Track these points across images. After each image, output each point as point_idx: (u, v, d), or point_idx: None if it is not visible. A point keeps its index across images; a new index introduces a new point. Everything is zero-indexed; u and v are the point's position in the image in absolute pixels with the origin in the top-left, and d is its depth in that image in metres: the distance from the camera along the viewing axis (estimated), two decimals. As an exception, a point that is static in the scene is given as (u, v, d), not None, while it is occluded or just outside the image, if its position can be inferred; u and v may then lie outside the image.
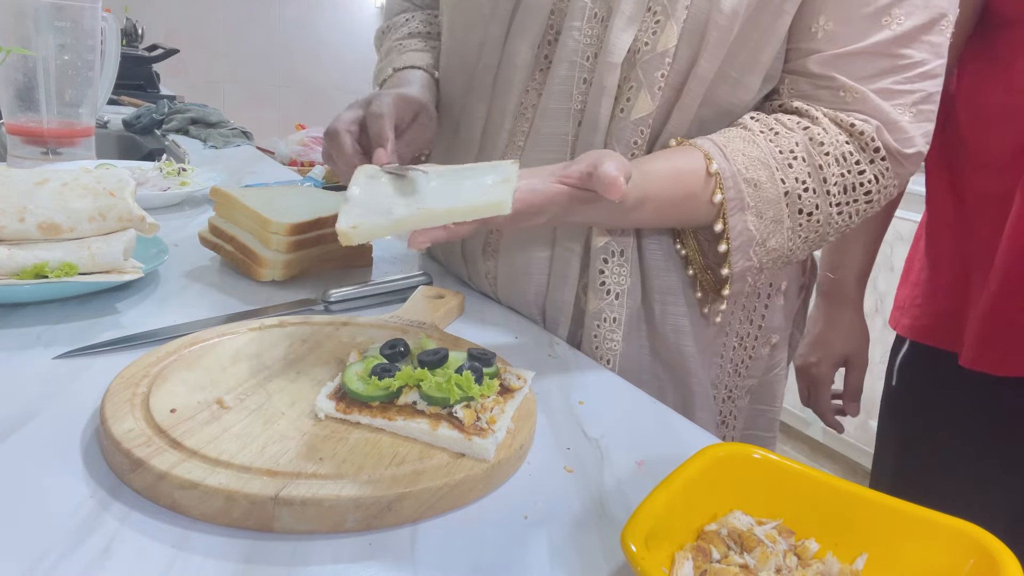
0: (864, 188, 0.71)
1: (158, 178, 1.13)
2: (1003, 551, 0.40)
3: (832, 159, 0.69)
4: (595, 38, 0.71)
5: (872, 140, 0.69)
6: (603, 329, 0.75)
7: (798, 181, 0.69)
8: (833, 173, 0.70)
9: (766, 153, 0.69)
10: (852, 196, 0.71)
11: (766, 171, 0.68)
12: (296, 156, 2.96)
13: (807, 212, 0.70)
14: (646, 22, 0.69)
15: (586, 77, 0.72)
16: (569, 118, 0.73)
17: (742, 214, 0.68)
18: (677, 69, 0.69)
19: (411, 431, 0.50)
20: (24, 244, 0.67)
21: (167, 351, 0.57)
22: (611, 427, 0.59)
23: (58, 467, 0.46)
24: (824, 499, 0.46)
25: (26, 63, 1.11)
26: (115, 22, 1.48)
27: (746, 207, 0.68)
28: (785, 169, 0.69)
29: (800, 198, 0.69)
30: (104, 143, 1.42)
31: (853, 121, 0.70)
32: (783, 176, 0.69)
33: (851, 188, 0.71)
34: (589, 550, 0.44)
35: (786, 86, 0.74)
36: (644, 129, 0.71)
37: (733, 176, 0.68)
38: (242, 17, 3.45)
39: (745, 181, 0.68)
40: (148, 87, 2.37)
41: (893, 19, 0.69)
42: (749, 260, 0.70)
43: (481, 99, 0.78)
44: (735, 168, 0.68)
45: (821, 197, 0.70)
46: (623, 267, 0.74)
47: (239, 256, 0.81)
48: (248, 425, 0.49)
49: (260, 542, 0.42)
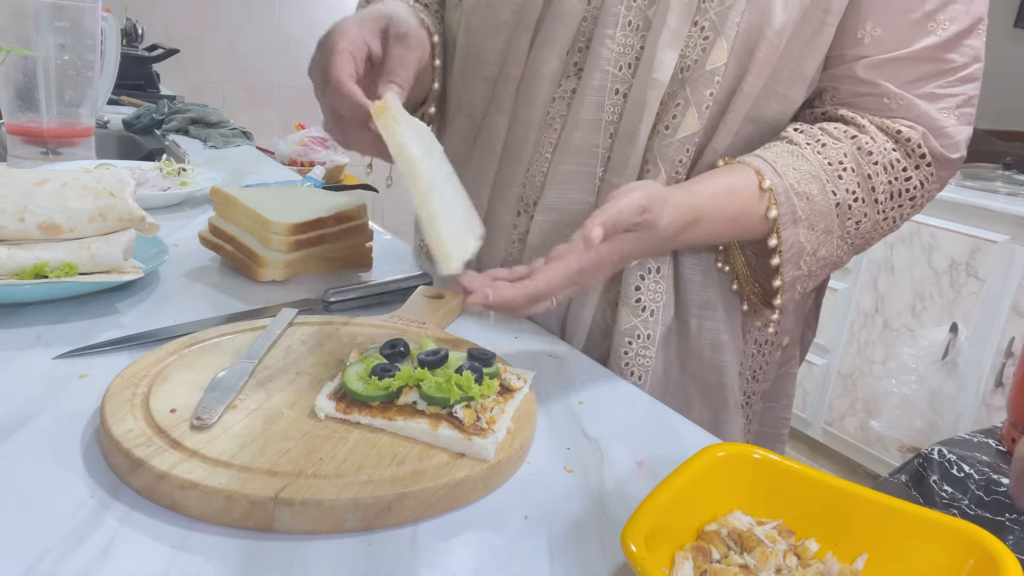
0: (910, 194, 0.72)
1: (158, 178, 1.13)
2: (1003, 551, 0.40)
3: (880, 167, 0.70)
4: (630, 48, 0.69)
5: (919, 147, 0.70)
6: (636, 346, 0.74)
7: (848, 192, 0.69)
8: (881, 181, 0.70)
9: (816, 166, 0.69)
10: (898, 202, 0.72)
11: (817, 184, 0.69)
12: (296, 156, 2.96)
13: (856, 221, 0.71)
14: (693, 37, 0.68)
15: (619, 88, 0.70)
16: (600, 129, 0.71)
17: (795, 227, 0.68)
18: (724, 86, 0.69)
19: (411, 431, 0.50)
20: (24, 244, 0.67)
21: (167, 351, 0.57)
22: (611, 427, 0.59)
23: (58, 467, 0.46)
24: (824, 499, 0.46)
25: (26, 63, 1.11)
26: (115, 22, 1.48)
27: (799, 220, 0.68)
28: (835, 181, 0.69)
29: (850, 208, 0.70)
30: (104, 143, 1.42)
31: (900, 128, 0.70)
32: (834, 188, 0.69)
33: (897, 194, 0.71)
34: (589, 550, 0.44)
35: (828, 93, 0.74)
36: (690, 147, 0.70)
37: (786, 191, 0.68)
38: (242, 17, 3.45)
39: (797, 195, 0.68)
40: (148, 87, 2.37)
41: (939, 24, 0.69)
42: (799, 269, 0.70)
43: (501, 110, 0.76)
44: (787, 183, 0.68)
45: (870, 206, 0.70)
46: (659, 284, 0.74)
47: (239, 256, 0.81)
48: (248, 425, 0.49)
49: (260, 542, 0.42)
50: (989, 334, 2.19)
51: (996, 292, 2.16)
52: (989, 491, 1.63)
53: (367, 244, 0.88)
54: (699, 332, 0.76)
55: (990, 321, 2.18)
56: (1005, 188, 2.36)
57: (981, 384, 2.23)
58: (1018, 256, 2.13)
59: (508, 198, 0.77)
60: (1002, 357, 2.19)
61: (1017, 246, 2.13)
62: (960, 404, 2.25)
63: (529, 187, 0.76)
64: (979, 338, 2.20)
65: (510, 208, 0.77)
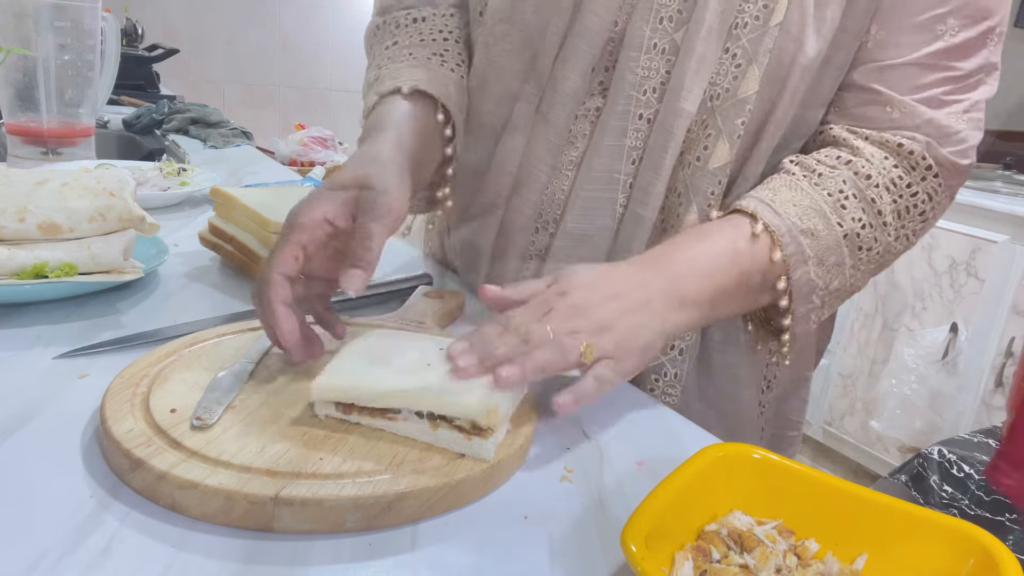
0: (918, 209, 0.68)
1: (158, 178, 1.13)
2: (1003, 551, 0.40)
3: (883, 189, 0.66)
4: (654, 71, 0.67)
5: (923, 158, 0.67)
6: (662, 383, 0.74)
7: (855, 220, 0.66)
8: (886, 203, 0.67)
9: (816, 199, 0.65)
10: (907, 219, 0.68)
11: (820, 218, 0.65)
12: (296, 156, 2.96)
13: (867, 248, 0.67)
14: (724, 64, 0.66)
15: (643, 113, 0.68)
16: (623, 156, 0.69)
17: (804, 267, 0.64)
18: (756, 116, 0.67)
19: (411, 431, 0.50)
20: (24, 244, 0.67)
21: (167, 351, 0.57)
22: (611, 427, 0.59)
23: (58, 467, 0.46)
24: (824, 499, 0.46)
25: (26, 63, 1.11)
26: (115, 22, 1.47)
27: (807, 259, 0.64)
28: (839, 212, 0.65)
29: (859, 236, 0.66)
30: (104, 143, 1.42)
31: (901, 141, 0.67)
32: (839, 219, 0.65)
33: (905, 212, 0.68)
34: (589, 550, 0.44)
35: (834, 106, 0.71)
36: (722, 179, 0.68)
37: (789, 231, 0.63)
38: (242, 17, 3.45)
39: (802, 232, 0.64)
40: (148, 87, 2.37)
41: (947, 29, 0.66)
42: (811, 304, 0.67)
43: (519, 128, 0.73)
44: (789, 223, 0.64)
45: (879, 230, 0.67)
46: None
47: (239, 256, 0.81)
48: (248, 425, 0.49)
49: (260, 542, 0.42)
50: (989, 334, 2.19)
51: (996, 292, 2.16)
52: (989, 491, 1.63)
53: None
54: (723, 369, 0.75)
55: (990, 321, 2.18)
56: (1005, 188, 2.36)
57: (981, 384, 2.23)
58: (1018, 256, 2.13)
59: (524, 216, 0.75)
60: (1002, 357, 2.19)
61: (1017, 246, 2.13)
62: (960, 404, 2.25)
63: (548, 205, 0.74)
64: (979, 338, 2.20)
65: (527, 226, 0.76)
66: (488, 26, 0.73)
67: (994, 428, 1.86)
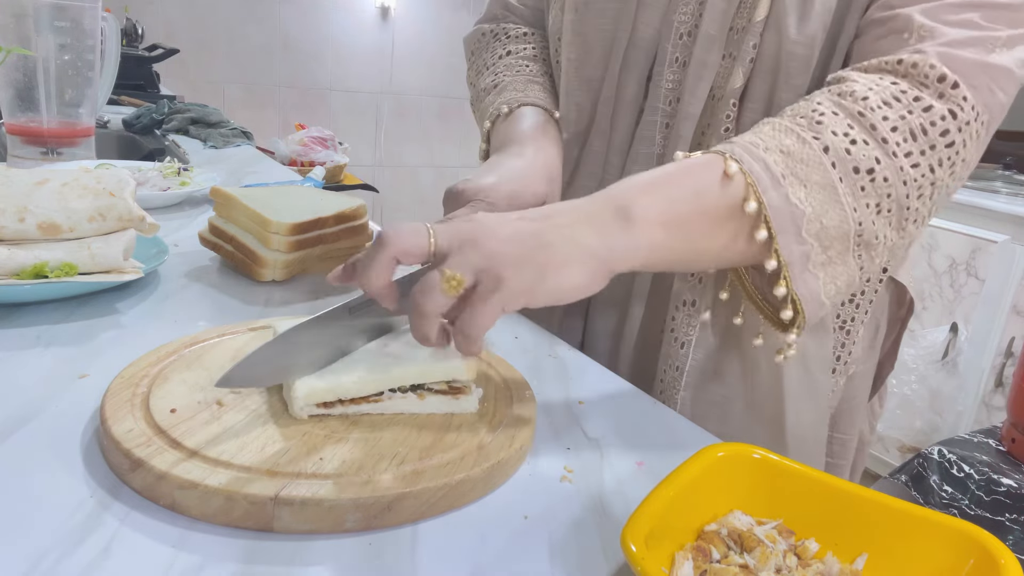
0: (939, 128, 0.54)
1: (158, 178, 1.13)
2: (1003, 551, 0.40)
3: (875, 103, 0.54)
4: (677, 83, 0.71)
5: (932, 67, 0.54)
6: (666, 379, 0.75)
7: (837, 135, 0.54)
8: (883, 117, 0.54)
9: (787, 125, 0.56)
10: (926, 141, 0.54)
11: (792, 137, 0.54)
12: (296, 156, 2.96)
13: (866, 169, 0.53)
14: (725, 66, 0.68)
15: (669, 122, 0.72)
16: (653, 162, 0.73)
17: (779, 187, 0.52)
18: (752, 108, 0.68)
19: (399, 407, 0.52)
20: (24, 244, 0.67)
21: (167, 351, 0.57)
22: (611, 427, 0.59)
23: (58, 467, 0.46)
24: (824, 499, 0.46)
25: (26, 63, 1.11)
26: (115, 22, 1.48)
27: (778, 177, 0.53)
28: (815, 127, 0.54)
29: (849, 153, 0.53)
30: (104, 143, 1.42)
31: (901, 57, 0.56)
32: (815, 134, 0.54)
33: (919, 131, 0.54)
34: (589, 550, 0.44)
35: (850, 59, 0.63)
36: None
37: (746, 149, 0.54)
38: (242, 17, 3.45)
39: (767, 151, 0.54)
40: (148, 87, 2.37)
41: None
42: (802, 241, 0.53)
43: (601, 133, 0.77)
44: (745, 142, 0.55)
45: (877, 148, 0.54)
46: (692, 317, 0.73)
47: (239, 256, 0.81)
48: (248, 425, 0.49)
49: (260, 542, 0.42)
50: (989, 334, 2.19)
51: (996, 292, 2.16)
52: (989, 491, 1.63)
53: (367, 244, 0.88)
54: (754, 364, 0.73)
55: (990, 321, 2.18)
56: (1005, 188, 2.36)
57: (981, 384, 2.23)
58: (1018, 256, 2.13)
59: None
60: (1002, 357, 2.19)
61: (1017, 246, 2.13)
62: (960, 404, 2.25)
63: None
64: (979, 338, 2.20)
65: None
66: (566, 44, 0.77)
67: (994, 428, 1.86)
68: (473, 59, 0.90)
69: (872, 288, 0.74)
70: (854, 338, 0.76)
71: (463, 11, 3.87)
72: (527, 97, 0.78)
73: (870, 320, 0.77)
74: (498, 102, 0.79)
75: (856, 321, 0.75)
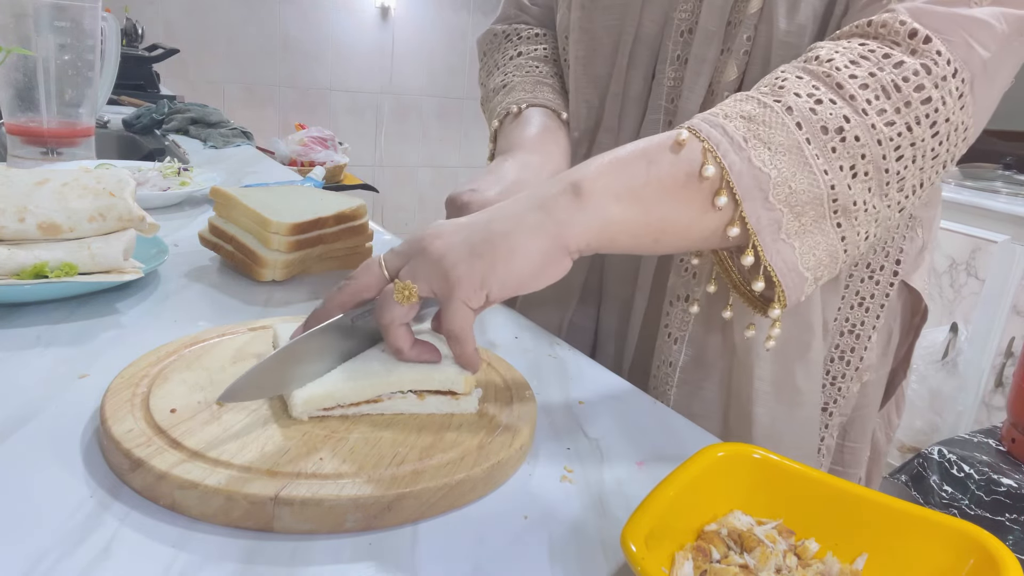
0: (912, 83, 0.51)
1: (158, 178, 1.13)
2: (1003, 551, 0.40)
3: (840, 63, 0.52)
4: (678, 80, 0.71)
5: (902, 23, 0.52)
6: (662, 371, 0.75)
7: (801, 96, 0.52)
8: (850, 75, 0.52)
9: (750, 94, 0.54)
10: (900, 98, 0.51)
11: (752, 103, 0.52)
12: (296, 156, 2.96)
13: (835, 128, 0.51)
14: (721, 59, 0.69)
15: (672, 120, 0.72)
16: None
17: (740, 151, 0.50)
18: None
19: (399, 408, 0.52)
20: (24, 244, 0.67)
21: (167, 351, 0.57)
22: (611, 427, 0.59)
23: (58, 467, 0.46)
24: (824, 499, 0.46)
25: (26, 63, 1.11)
26: (115, 22, 1.48)
27: (739, 142, 0.51)
28: (776, 92, 0.53)
29: (815, 112, 0.51)
30: (104, 143, 1.42)
31: (871, 19, 0.54)
32: (776, 97, 0.52)
33: (892, 87, 0.51)
34: (589, 550, 0.44)
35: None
36: None
37: (704, 118, 0.53)
38: (242, 17, 3.45)
39: (727, 118, 0.52)
40: (148, 87, 2.37)
41: None
42: (770, 208, 0.51)
43: (608, 131, 0.78)
44: (704, 113, 0.54)
45: (845, 106, 0.51)
46: (685, 313, 0.73)
47: (239, 256, 0.81)
48: (248, 425, 0.49)
49: (260, 542, 0.42)
50: (989, 334, 2.19)
51: (996, 292, 2.16)
52: (989, 491, 1.63)
53: (367, 244, 0.88)
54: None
55: (990, 321, 2.18)
56: (1005, 188, 2.36)
57: (981, 384, 2.23)
58: (1018, 256, 2.13)
59: None
60: (1002, 357, 2.19)
61: (1017, 246, 2.13)
62: (960, 404, 2.25)
63: None
64: (979, 338, 2.20)
65: None
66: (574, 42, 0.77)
67: (994, 428, 1.86)
68: (485, 60, 0.90)
69: (882, 291, 0.74)
70: (865, 343, 0.75)
71: (463, 11, 3.87)
72: (536, 98, 0.79)
73: (883, 326, 0.76)
74: (507, 102, 0.79)
75: (866, 325, 0.74)
